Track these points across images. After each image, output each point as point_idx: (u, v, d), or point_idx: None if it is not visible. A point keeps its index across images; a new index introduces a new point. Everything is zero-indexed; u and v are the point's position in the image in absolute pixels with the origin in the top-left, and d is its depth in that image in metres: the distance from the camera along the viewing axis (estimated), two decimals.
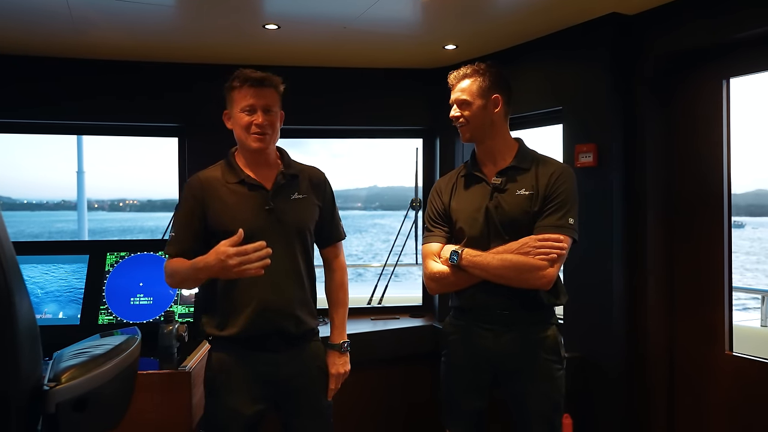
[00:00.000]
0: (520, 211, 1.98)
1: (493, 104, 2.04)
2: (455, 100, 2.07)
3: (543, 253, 1.90)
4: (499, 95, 2.04)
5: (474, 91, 2.03)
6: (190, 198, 2.00)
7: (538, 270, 1.90)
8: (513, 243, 1.95)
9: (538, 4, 2.52)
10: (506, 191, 2.01)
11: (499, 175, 2.04)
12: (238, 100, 1.95)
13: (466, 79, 2.05)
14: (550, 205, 1.96)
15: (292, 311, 1.98)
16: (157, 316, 2.58)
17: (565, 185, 1.98)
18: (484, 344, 2.02)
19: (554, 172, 2.00)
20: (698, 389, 2.53)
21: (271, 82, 1.97)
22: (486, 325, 2.02)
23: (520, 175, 2.02)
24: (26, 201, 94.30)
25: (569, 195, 1.98)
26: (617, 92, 2.63)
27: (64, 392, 1.08)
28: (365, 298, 3.81)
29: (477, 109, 2.03)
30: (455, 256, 1.99)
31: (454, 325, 2.12)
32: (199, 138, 3.41)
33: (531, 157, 2.06)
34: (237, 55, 3.24)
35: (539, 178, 2.00)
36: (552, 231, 1.93)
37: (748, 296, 9.93)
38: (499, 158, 2.07)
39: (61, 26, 2.74)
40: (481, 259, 1.95)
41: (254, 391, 1.96)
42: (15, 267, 0.99)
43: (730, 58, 2.41)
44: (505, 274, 1.93)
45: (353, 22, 2.71)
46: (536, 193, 1.98)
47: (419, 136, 3.77)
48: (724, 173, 2.44)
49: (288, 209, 2.01)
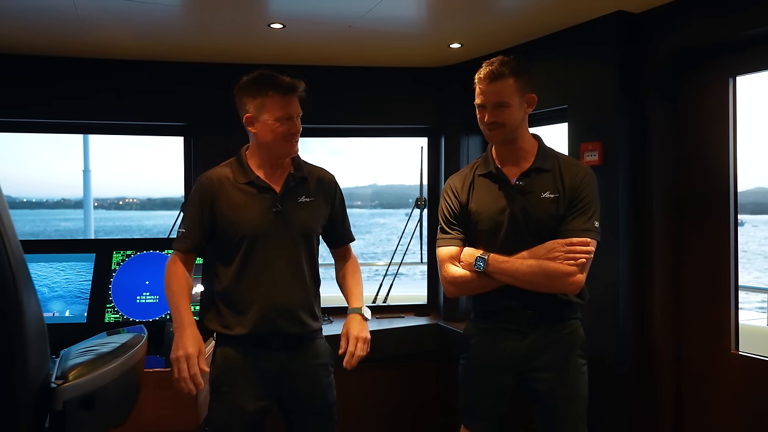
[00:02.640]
0: (546, 215, 1.94)
1: (528, 103, 1.98)
2: (491, 102, 1.93)
3: (572, 258, 1.87)
4: (534, 94, 1.99)
5: (511, 92, 1.92)
6: (200, 196, 2.01)
7: (569, 276, 1.88)
8: (539, 248, 1.91)
9: (544, 3, 2.51)
10: (531, 194, 1.96)
11: (522, 177, 1.99)
12: (271, 107, 1.94)
13: (501, 78, 1.91)
14: (576, 208, 1.92)
15: (295, 313, 1.99)
16: (164, 314, 2.59)
17: (589, 187, 1.95)
18: (509, 346, 2.00)
19: (578, 174, 1.96)
20: (705, 388, 2.52)
21: (301, 89, 1.98)
22: (512, 327, 2.00)
23: (543, 176, 1.98)
24: (26, 199, 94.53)
25: (594, 197, 1.95)
26: (623, 90, 2.62)
27: (71, 390, 1.09)
28: (370, 296, 3.81)
29: (514, 110, 1.94)
30: (481, 263, 1.95)
31: (478, 328, 2.09)
32: (204, 137, 3.41)
33: (552, 157, 2.01)
34: (242, 54, 3.25)
35: (564, 180, 1.95)
36: (579, 235, 1.89)
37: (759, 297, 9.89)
38: (521, 158, 2.01)
39: (67, 26, 2.75)
40: (509, 266, 1.92)
41: (258, 388, 1.97)
42: (23, 265, 0.99)
43: (737, 56, 2.40)
44: (535, 281, 1.89)
45: (358, 21, 2.71)
46: (561, 196, 1.93)
47: (424, 134, 3.77)
48: (730, 172, 2.43)
49: (295, 212, 2.01)
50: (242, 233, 1.96)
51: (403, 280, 5.75)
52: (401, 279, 4.12)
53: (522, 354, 1.99)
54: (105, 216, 63.79)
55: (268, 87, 1.94)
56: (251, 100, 1.96)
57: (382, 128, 3.77)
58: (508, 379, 2.03)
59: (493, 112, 1.93)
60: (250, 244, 1.96)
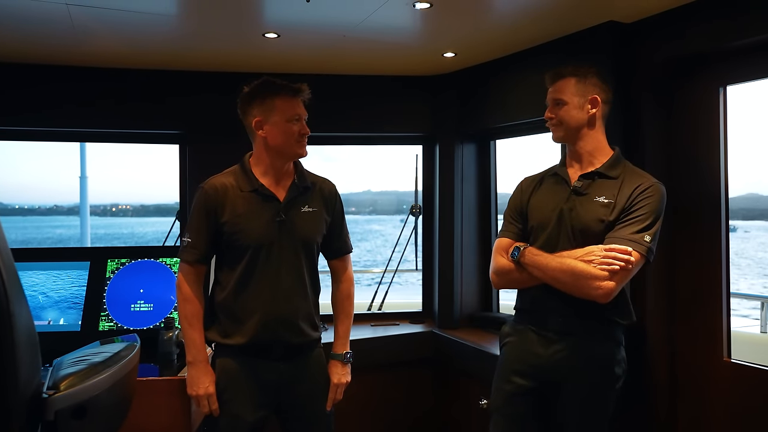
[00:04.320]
0: (594, 218, 1.91)
1: (590, 104, 1.99)
2: (551, 98, 2.02)
3: (606, 263, 1.81)
4: (597, 96, 1.99)
5: (570, 90, 1.97)
6: (204, 204, 2.00)
7: (595, 279, 1.80)
8: (579, 249, 1.88)
9: (537, 13, 2.54)
10: (585, 195, 1.95)
11: (582, 179, 1.98)
12: (282, 108, 1.97)
13: (564, 77, 1.99)
14: (628, 218, 1.87)
15: (296, 323, 1.99)
16: (158, 322, 2.59)
17: (649, 200, 1.88)
18: (535, 350, 1.97)
19: (641, 185, 1.91)
20: (698, 395, 2.53)
21: (306, 92, 2.02)
22: (540, 330, 1.97)
23: (604, 181, 1.95)
24: (18, 206, 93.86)
25: (652, 211, 1.87)
26: (616, 99, 2.63)
27: (63, 400, 1.10)
28: (365, 304, 3.81)
29: (572, 109, 1.97)
30: (516, 252, 1.96)
31: (514, 327, 2.08)
32: (200, 145, 3.42)
33: (622, 167, 1.99)
34: (237, 63, 3.26)
35: (623, 189, 1.92)
36: (622, 243, 1.83)
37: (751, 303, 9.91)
38: (586, 161, 2.01)
39: (62, 35, 2.76)
40: (542, 259, 1.91)
41: (257, 398, 1.97)
42: (14, 275, 1.00)
43: (728, 66, 2.42)
44: (562, 278, 1.86)
45: (353, 31, 2.73)
46: (615, 203, 1.90)
47: (419, 142, 3.79)
48: (721, 180, 2.45)
49: (298, 222, 2.02)
50: (247, 242, 1.96)
51: (398, 288, 5.75)
52: (396, 286, 4.12)
53: (544, 361, 1.95)
54: (98, 223, 63.36)
55: (277, 89, 1.97)
56: (259, 104, 1.98)
57: (376, 136, 3.78)
58: (528, 383, 1.99)
59: (552, 109, 2.01)
60: (253, 253, 1.96)
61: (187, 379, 1.97)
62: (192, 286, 1.98)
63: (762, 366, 2.32)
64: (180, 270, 2.01)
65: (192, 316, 1.97)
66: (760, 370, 2.32)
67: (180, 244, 2.07)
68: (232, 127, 2.05)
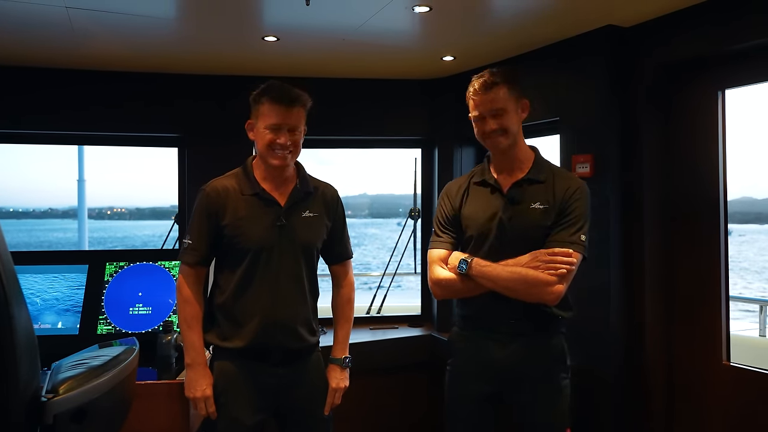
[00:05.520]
0: (534, 225, 1.96)
1: (522, 109, 2.02)
2: (489, 110, 1.97)
3: (552, 267, 1.88)
4: (527, 100, 2.02)
5: (507, 98, 1.97)
6: (205, 207, 1.99)
7: (547, 285, 1.88)
8: (523, 256, 1.93)
9: (535, 17, 2.54)
10: (521, 204, 1.99)
11: (514, 187, 2.01)
12: (264, 115, 1.94)
13: (495, 86, 1.96)
14: (564, 221, 1.94)
15: (294, 327, 1.99)
16: (156, 325, 2.58)
17: (580, 202, 1.96)
18: (490, 354, 2.01)
19: (570, 188, 1.98)
20: (696, 398, 2.53)
21: (300, 102, 1.96)
22: (493, 335, 2.01)
23: (535, 187, 2.00)
24: (12, 209, 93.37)
25: (583, 212, 1.96)
26: (614, 103, 2.65)
27: (61, 403, 1.09)
28: (364, 307, 3.81)
29: (513, 116, 1.98)
30: (464, 265, 1.97)
31: (461, 334, 2.11)
32: (199, 148, 3.42)
33: (547, 169, 2.03)
34: (236, 67, 3.27)
35: (555, 192, 1.97)
36: (563, 246, 1.91)
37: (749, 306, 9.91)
38: (516, 168, 2.04)
39: (62, 38, 2.76)
40: (491, 270, 1.94)
41: (256, 401, 1.97)
42: (13, 278, 1.00)
43: (725, 70, 2.43)
44: (514, 287, 1.91)
45: (352, 34, 2.73)
46: (551, 208, 1.96)
47: (417, 146, 3.79)
48: (720, 183, 2.46)
49: (298, 227, 2.01)
50: (247, 245, 1.95)
51: (398, 292, 5.75)
52: (395, 290, 4.12)
53: (502, 364, 2.00)
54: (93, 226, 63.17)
55: (265, 94, 1.95)
56: (253, 107, 1.99)
57: (375, 139, 3.79)
58: (488, 388, 2.03)
59: (494, 120, 1.97)
60: (254, 256, 1.96)
61: (185, 381, 1.96)
62: (192, 288, 1.98)
63: (761, 369, 2.33)
64: (180, 272, 2.01)
65: (191, 318, 1.97)
66: (759, 373, 2.32)
67: (180, 246, 2.06)
68: (231, 131, 2.05)
